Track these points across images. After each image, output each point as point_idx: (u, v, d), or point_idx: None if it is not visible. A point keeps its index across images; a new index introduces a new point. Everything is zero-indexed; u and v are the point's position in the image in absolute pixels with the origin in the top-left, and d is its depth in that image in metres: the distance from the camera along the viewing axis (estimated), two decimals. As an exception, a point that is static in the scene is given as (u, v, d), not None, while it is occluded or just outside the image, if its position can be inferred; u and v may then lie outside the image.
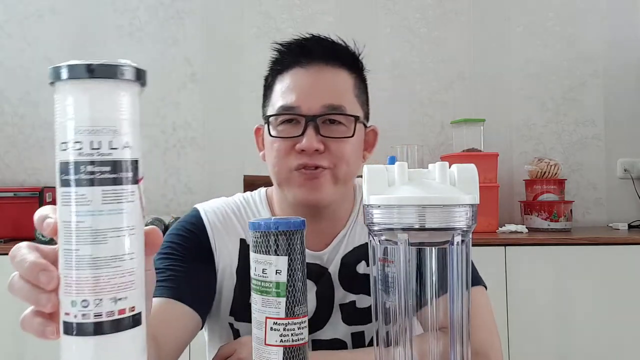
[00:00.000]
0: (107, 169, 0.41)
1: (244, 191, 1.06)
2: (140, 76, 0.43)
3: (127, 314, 0.43)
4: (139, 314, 0.44)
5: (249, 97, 2.24)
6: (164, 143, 2.34)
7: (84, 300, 0.41)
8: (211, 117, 2.35)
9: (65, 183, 0.41)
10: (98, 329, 0.41)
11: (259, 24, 2.36)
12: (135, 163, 0.43)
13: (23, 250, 0.45)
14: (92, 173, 0.41)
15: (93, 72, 0.41)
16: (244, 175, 1.37)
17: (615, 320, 1.78)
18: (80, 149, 0.41)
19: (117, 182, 0.42)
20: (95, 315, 0.41)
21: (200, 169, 2.35)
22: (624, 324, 1.78)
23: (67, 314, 0.42)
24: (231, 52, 2.35)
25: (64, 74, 0.42)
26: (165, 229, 1.91)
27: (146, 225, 0.46)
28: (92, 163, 0.41)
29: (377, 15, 2.37)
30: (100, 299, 0.41)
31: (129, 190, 0.43)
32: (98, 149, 0.41)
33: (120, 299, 0.42)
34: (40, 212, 0.46)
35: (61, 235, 0.42)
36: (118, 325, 0.42)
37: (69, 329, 0.42)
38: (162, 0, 2.36)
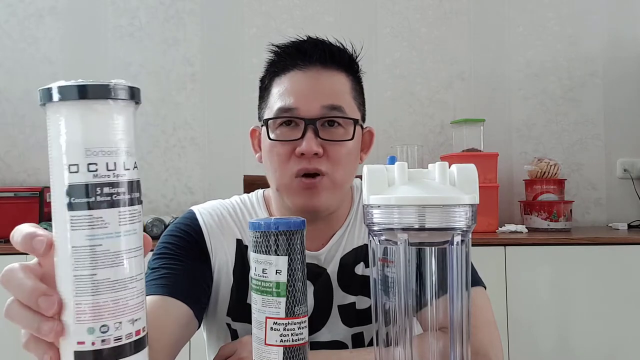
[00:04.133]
0: (123, 189, 0.41)
1: (244, 191, 1.06)
2: (136, 95, 0.43)
3: (142, 334, 0.42)
4: (147, 334, 0.44)
5: (249, 98, 2.24)
6: (164, 143, 2.34)
7: (103, 326, 0.40)
8: (211, 117, 2.35)
9: (78, 206, 0.40)
10: (119, 352, 0.41)
11: (259, 24, 2.36)
12: (139, 184, 0.43)
13: (19, 273, 0.42)
14: (110, 195, 0.40)
15: (106, 92, 0.40)
16: (244, 175, 1.36)
17: (615, 320, 1.78)
18: (95, 170, 0.40)
19: (131, 202, 0.42)
20: (115, 339, 0.41)
21: (200, 169, 2.35)
22: (624, 323, 1.78)
23: (80, 342, 0.40)
24: (231, 52, 2.35)
25: (56, 95, 0.40)
26: (165, 228, 1.91)
27: (147, 224, 0.46)
28: (109, 185, 0.40)
29: (377, 15, 2.37)
30: (120, 322, 0.41)
31: (138, 210, 0.43)
32: (113, 170, 0.41)
33: (137, 320, 0.42)
34: (24, 230, 0.43)
35: (67, 262, 0.40)
36: (136, 347, 0.42)
37: (85, 358, 0.40)
38: (162, 0, 2.36)
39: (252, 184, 1.23)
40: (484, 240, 1.79)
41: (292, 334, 0.55)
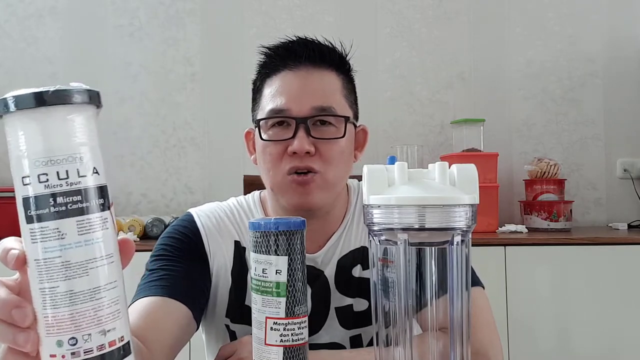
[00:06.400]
0: (79, 198, 0.40)
1: (244, 191, 1.06)
2: (93, 98, 0.41)
3: (118, 344, 0.41)
4: (128, 343, 0.42)
5: (249, 97, 2.23)
6: (164, 143, 2.34)
7: (71, 338, 0.39)
8: (211, 117, 2.35)
9: (33, 219, 0.39)
10: None
11: (259, 24, 2.36)
12: (104, 189, 0.42)
13: None
14: (63, 205, 0.39)
15: (45, 100, 0.39)
16: (244, 175, 1.37)
17: (615, 320, 1.78)
18: (46, 180, 0.39)
19: (91, 210, 0.40)
20: (85, 352, 0.40)
21: (200, 169, 2.35)
22: (624, 324, 1.78)
23: (52, 355, 0.40)
24: (231, 52, 2.35)
25: (13, 105, 0.39)
26: (164, 228, 1.91)
27: (147, 224, 0.46)
28: (61, 194, 0.39)
29: (376, 15, 2.37)
30: (89, 334, 0.40)
31: (104, 217, 0.41)
32: (66, 178, 0.39)
33: (109, 331, 0.41)
34: (3, 245, 0.43)
35: (34, 274, 0.40)
36: (110, 358, 0.41)
37: None
38: (162, 0, 2.36)
39: (252, 184, 1.23)
40: (484, 240, 1.79)
41: (292, 334, 0.55)
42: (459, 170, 0.54)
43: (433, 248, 0.55)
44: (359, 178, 1.02)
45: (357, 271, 0.92)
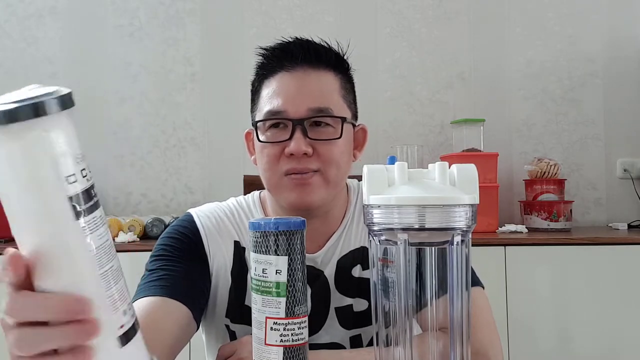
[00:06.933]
0: (97, 190, 0.45)
1: (244, 191, 1.06)
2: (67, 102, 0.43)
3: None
4: None
5: (248, 97, 2.23)
6: (164, 143, 2.34)
7: (129, 304, 0.46)
8: (211, 117, 2.35)
9: (81, 214, 0.42)
10: (137, 324, 0.46)
11: (258, 24, 2.36)
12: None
13: (31, 297, 0.42)
14: (96, 195, 0.44)
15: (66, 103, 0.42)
16: (244, 175, 1.37)
17: (615, 320, 1.78)
18: (86, 175, 0.43)
19: (99, 202, 0.45)
20: (132, 316, 0.46)
21: (200, 169, 2.35)
22: (624, 324, 1.78)
23: (122, 326, 0.44)
24: (231, 52, 2.35)
25: (58, 106, 0.41)
26: (164, 228, 1.91)
27: (147, 224, 0.47)
28: (94, 186, 0.44)
29: (376, 15, 2.37)
30: (130, 302, 0.46)
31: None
32: (90, 172, 0.44)
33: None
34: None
35: (92, 263, 0.43)
36: (139, 325, 0.47)
37: (129, 335, 0.45)
38: (162, 0, 2.36)
39: (252, 184, 1.23)
40: (484, 240, 1.79)
41: (292, 334, 0.55)
42: (459, 170, 0.54)
43: (433, 248, 0.55)
44: (359, 178, 1.02)
45: (357, 271, 0.92)
